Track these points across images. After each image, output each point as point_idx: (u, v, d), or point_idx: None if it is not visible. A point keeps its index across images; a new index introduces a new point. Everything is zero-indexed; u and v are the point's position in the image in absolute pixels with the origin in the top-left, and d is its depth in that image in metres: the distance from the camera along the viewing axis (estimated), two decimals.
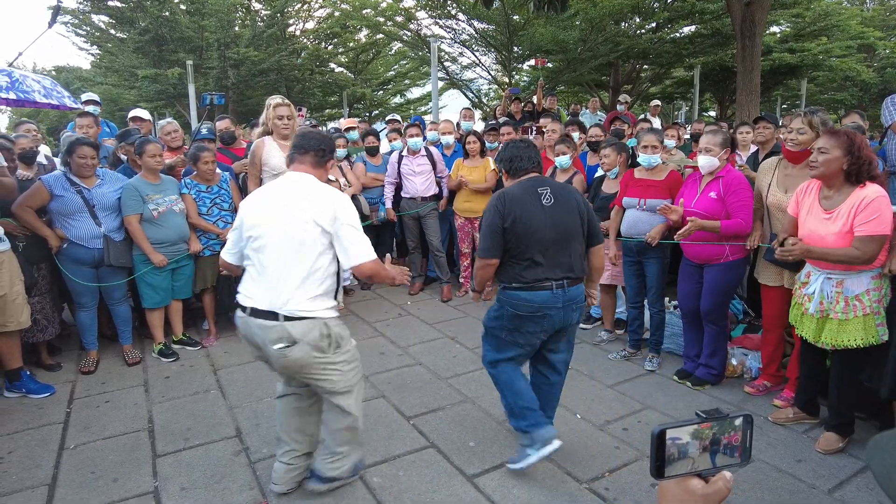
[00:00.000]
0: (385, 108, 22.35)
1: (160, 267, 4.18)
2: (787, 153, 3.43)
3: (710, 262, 3.59)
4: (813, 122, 3.28)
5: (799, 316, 3.09)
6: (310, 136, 2.59)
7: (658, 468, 0.86)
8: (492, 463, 2.93)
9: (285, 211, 2.40)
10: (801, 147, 3.32)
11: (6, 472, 2.92)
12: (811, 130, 3.28)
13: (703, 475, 0.88)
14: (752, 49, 8.17)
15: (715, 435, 0.88)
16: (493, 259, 2.75)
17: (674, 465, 0.86)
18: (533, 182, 2.79)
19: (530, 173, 2.84)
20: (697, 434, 0.88)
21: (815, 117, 3.30)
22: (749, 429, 0.91)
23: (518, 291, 2.73)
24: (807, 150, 3.30)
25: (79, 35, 16.02)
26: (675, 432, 0.87)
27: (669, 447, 0.87)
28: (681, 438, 0.87)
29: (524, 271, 2.71)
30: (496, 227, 2.70)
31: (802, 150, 3.32)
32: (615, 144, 4.43)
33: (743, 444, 0.91)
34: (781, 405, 3.40)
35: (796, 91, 20.04)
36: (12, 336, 3.65)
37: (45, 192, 3.80)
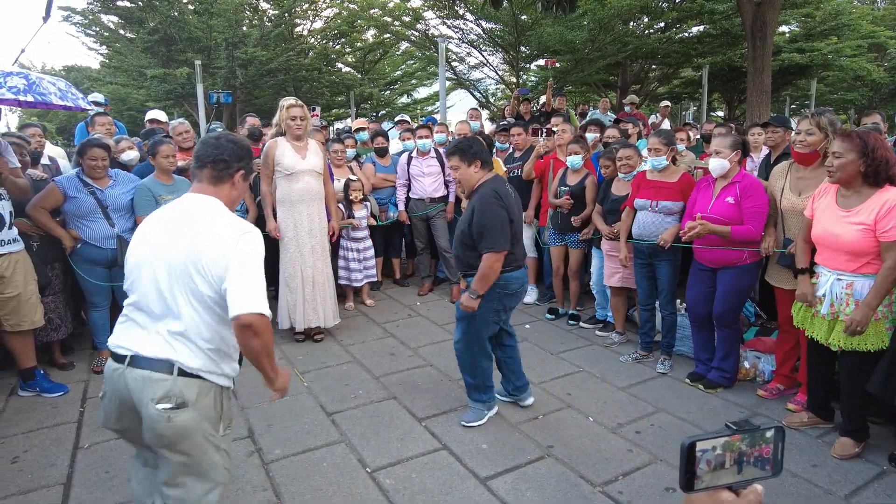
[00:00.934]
0: (392, 108, 22.37)
1: None
2: (797, 155, 3.40)
3: (725, 265, 3.56)
4: (821, 123, 3.26)
5: (809, 318, 3.07)
6: (206, 145, 2.04)
7: (688, 480, 0.85)
8: (504, 466, 2.92)
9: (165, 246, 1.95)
10: (809, 149, 3.29)
11: (22, 470, 2.94)
12: (819, 132, 3.25)
13: (734, 488, 0.87)
14: (763, 49, 8.12)
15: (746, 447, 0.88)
16: (506, 250, 3.07)
17: (703, 477, 0.86)
18: (499, 177, 3.24)
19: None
20: (728, 446, 0.87)
21: (822, 118, 3.27)
22: (781, 441, 0.90)
23: (511, 273, 3.18)
24: (815, 152, 3.28)
25: (88, 35, 16.11)
26: (704, 444, 0.86)
27: (699, 459, 0.86)
28: (711, 450, 0.86)
29: (512, 255, 3.14)
30: (506, 220, 3.07)
31: (811, 152, 3.30)
32: (633, 146, 4.38)
33: (774, 456, 0.90)
34: (795, 409, 3.37)
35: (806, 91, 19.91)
36: (26, 335, 3.68)
37: (59, 194, 3.82)
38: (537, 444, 3.12)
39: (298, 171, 4.40)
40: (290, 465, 2.94)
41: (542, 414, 3.46)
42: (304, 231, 4.48)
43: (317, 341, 4.66)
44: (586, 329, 4.89)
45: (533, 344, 4.58)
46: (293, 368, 4.14)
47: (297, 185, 4.42)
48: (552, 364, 4.21)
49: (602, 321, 4.90)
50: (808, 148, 3.29)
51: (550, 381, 3.92)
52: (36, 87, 2.90)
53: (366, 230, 5.55)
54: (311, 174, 4.47)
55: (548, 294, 5.57)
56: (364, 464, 2.95)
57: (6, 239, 3.45)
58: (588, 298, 5.38)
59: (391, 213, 5.98)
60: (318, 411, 3.52)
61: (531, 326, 4.99)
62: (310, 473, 2.87)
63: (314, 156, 4.49)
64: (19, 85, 2.83)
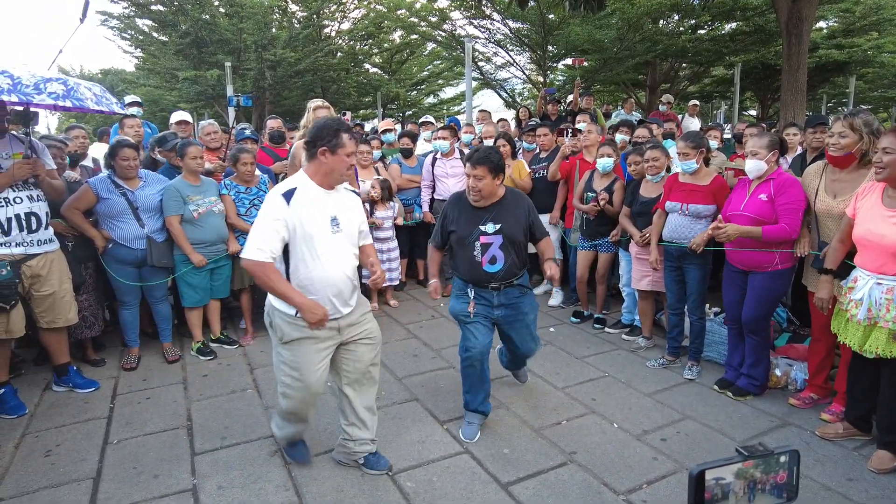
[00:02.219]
0: (419, 109, 22.44)
1: (200, 267, 4.26)
2: (831, 158, 3.27)
3: (756, 269, 3.46)
4: (855, 125, 3.13)
5: (843, 323, 2.96)
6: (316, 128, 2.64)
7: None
8: (527, 471, 2.89)
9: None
10: (844, 151, 3.17)
11: (54, 464, 3.02)
12: (853, 133, 3.13)
13: None
14: (799, 47, 7.88)
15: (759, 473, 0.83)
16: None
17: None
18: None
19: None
20: (741, 473, 0.82)
21: (856, 119, 3.14)
22: (796, 466, 0.84)
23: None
24: (850, 155, 3.16)
25: (124, 38, 16.55)
26: (716, 472, 0.81)
27: (711, 487, 0.81)
28: (723, 478, 0.81)
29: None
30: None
31: (846, 155, 3.18)
32: (661, 146, 4.28)
33: (789, 482, 0.85)
34: (830, 419, 3.25)
35: (843, 89, 19.33)
36: (60, 332, 3.78)
37: (92, 195, 3.92)
38: (560, 450, 3.08)
39: None
40: (315, 466, 2.95)
41: (566, 419, 3.42)
42: None
43: None
44: (612, 333, 4.81)
45: (557, 347, 4.52)
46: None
47: None
48: (577, 368, 4.15)
49: (628, 325, 4.82)
50: (842, 150, 3.17)
51: (575, 386, 3.86)
52: (74, 93, 2.98)
53: (391, 231, 5.56)
54: None
55: (573, 297, 5.51)
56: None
57: (43, 239, 3.55)
58: (614, 302, 5.30)
59: (416, 213, 5.98)
60: None
61: (556, 330, 4.93)
62: (331, 474, 2.88)
63: None
64: (58, 91, 2.90)
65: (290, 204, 2.46)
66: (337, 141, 2.51)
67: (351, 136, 2.57)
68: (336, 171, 2.56)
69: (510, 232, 3.14)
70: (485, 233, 3.12)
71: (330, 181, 2.59)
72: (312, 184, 2.57)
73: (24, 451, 3.14)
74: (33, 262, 3.49)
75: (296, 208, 2.47)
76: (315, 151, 2.53)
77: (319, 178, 2.57)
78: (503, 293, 3.19)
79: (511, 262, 3.16)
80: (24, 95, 2.82)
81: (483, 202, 3.14)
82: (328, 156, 2.52)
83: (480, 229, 3.13)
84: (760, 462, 0.81)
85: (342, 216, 2.63)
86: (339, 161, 2.53)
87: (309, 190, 2.55)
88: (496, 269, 3.14)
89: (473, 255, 3.14)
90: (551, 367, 4.14)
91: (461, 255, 3.20)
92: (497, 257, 3.14)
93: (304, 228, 2.48)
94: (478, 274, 3.15)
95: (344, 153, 2.53)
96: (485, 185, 3.06)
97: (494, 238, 3.12)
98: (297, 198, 2.49)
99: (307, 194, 2.53)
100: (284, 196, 2.48)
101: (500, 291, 3.18)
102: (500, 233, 3.13)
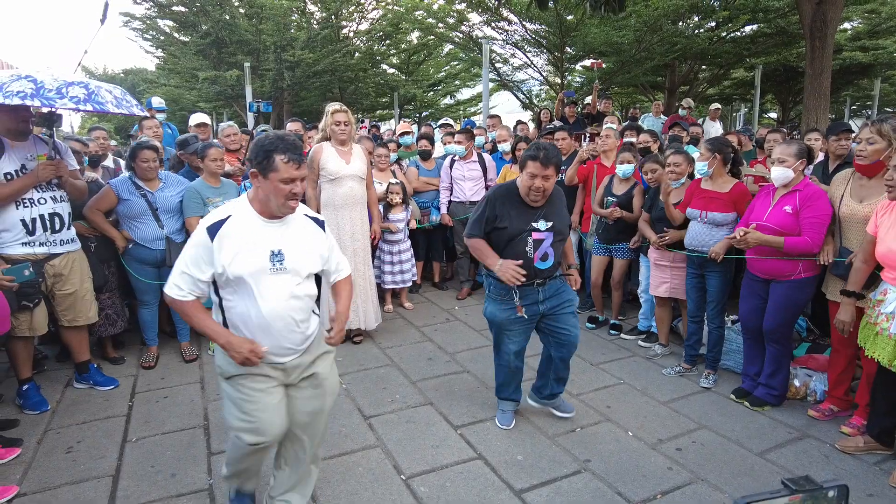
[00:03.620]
0: (436, 109, 22.48)
1: None
2: (860, 167, 3.21)
3: (778, 277, 3.41)
4: (883, 131, 3.06)
5: (871, 336, 2.90)
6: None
7: None
8: (540, 479, 2.88)
9: None
10: (872, 159, 3.11)
11: (75, 460, 3.07)
12: (882, 139, 3.07)
13: None
14: (823, 50, 7.74)
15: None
16: None
17: None
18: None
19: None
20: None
21: (884, 125, 3.07)
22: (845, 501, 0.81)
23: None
24: (880, 162, 3.10)
25: (145, 39, 16.82)
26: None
27: None
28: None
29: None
30: None
31: (875, 162, 3.12)
32: (684, 152, 4.23)
33: None
34: (850, 433, 3.20)
35: (868, 91, 18.98)
36: (81, 330, 3.85)
37: (113, 196, 3.99)
38: (574, 458, 3.07)
39: (342, 176, 4.46)
40: (326, 468, 2.97)
41: (580, 427, 3.40)
42: (346, 235, 4.54)
43: (356, 343, 4.71)
44: (628, 340, 4.78)
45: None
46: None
47: (340, 189, 4.48)
48: (592, 375, 4.13)
49: (645, 332, 4.78)
50: (869, 158, 3.12)
51: (590, 393, 3.84)
52: (95, 97, 3.03)
53: (405, 233, 5.58)
54: (355, 179, 4.52)
55: (588, 302, 5.48)
56: (399, 470, 2.96)
57: (65, 238, 3.62)
58: (630, 308, 5.26)
59: (433, 216, 5.99)
60: (356, 414, 3.56)
61: None
62: (345, 477, 2.90)
63: (358, 161, 4.54)
64: (80, 95, 2.96)
65: (214, 239, 2.09)
66: (268, 164, 2.10)
67: (290, 158, 2.10)
68: (271, 201, 2.14)
69: (561, 228, 3.14)
70: (537, 230, 3.07)
71: (270, 210, 2.17)
72: (251, 211, 2.18)
73: (47, 447, 3.20)
74: (56, 261, 3.55)
75: (223, 242, 2.10)
76: (250, 173, 2.17)
77: (258, 205, 2.18)
78: (547, 287, 3.18)
79: (558, 258, 3.20)
80: (47, 100, 2.88)
81: (542, 202, 3.07)
82: (260, 180, 2.14)
83: (533, 226, 3.07)
84: (808, 497, 0.77)
85: (289, 250, 2.21)
86: (271, 187, 2.11)
87: (245, 219, 2.16)
88: (547, 266, 3.13)
89: (525, 251, 3.07)
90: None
91: (508, 254, 3.09)
92: (549, 254, 3.11)
93: (233, 266, 2.11)
94: (528, 271, 3.05)
95: (277, 178, 2.09)
96: (551, 184, 3.00)
97: (546, 235, 3.09)
98: (227, 230, 2.11)
99: (241, 225, 2.15)
100: (209, 230, 2.10)
101: (545, 286, 3.17)
102: (552, 230, 3.10)
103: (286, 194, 2.12)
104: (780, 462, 3.01)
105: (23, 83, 2.86)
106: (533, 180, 2.95)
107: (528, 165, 2.96)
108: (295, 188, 2.13)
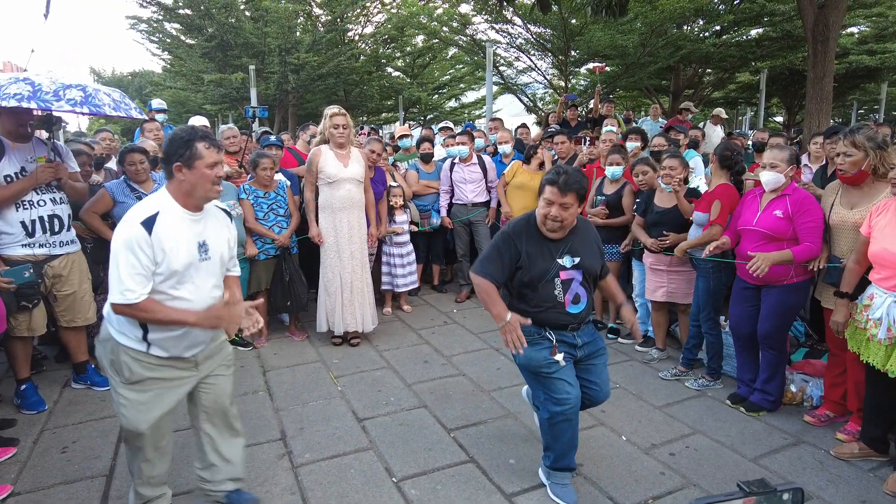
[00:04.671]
0: (440, 112, 22.51)
1: None
2: (843, 178, 3.20)
3: (770, 283, 3.40)
4: (857, 142, 3.05)
5: (863, 342, 2.89)
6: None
7: None
8: (531, 483, 2.88)
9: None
10: (853, 169, 3.10)
11: (69, 460, 3.09)
12: (858, 150, 3.05)
13: None
14: (825, 54, 7.71)
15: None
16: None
17: None
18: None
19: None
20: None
21: (857, 136, 3.05)
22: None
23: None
24: (862, 172, 3.09)
25: (152, 42, 16.94)
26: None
27: None
28: None
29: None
30: None
31: (858, 173, 3.10)
32: (679, 156, 4.23)
33: None
34: (845, 439, 3.18)
35: (875, 95, 18.87)
36: (80, 331, 3.88)
37: (109, 199, 4.02)
38: None
39: (340, 179, 4.48)
40: (319, 470, 2.99)
41: None
42: (343, 237, 4.56)
43: (353, 345, 4.73)
44: (625, 343, 4.77)
45: None
46: (328, 372, 4.21)
47: (338, 192, 4.50)
48: None
49: (642, 335, 4.76)
50: (850, 170, 3.11)
51: None
52: (91, 100, 3.06)
53: (406, 236, 5.59)
54: (353, 182, 4.54)
55: None
56: (391, 473, 2.96)
57: (65, 240, 3.65)
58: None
59: (434, 219, 6.00)
60: (350, 417, 3.56)
61: None
62: (337, 479, 2.91)
63: (356, 164, 4.56)
64: (76, 97, 2.99)
65: (151, 233, 2.11)
66: (191, 153, 2.16)
67: (210, 143, 2.20)
68: (198, 189, 2.20)
69: (590, 264, 2.72)
70: (563, 267, 2.66)
71: (194, 202, 2.24)
72: (176, 206, 2.22)
73: (42, 447, 3.22)
74: (55, 262, 3.59)
75: (158, 237, 2.12)
76: (171, 169, 2.20)
77: (182, 198, 2.23)
78: (582, 332, 2.75)
79: (591, 300, 2.77)
80: (44, 102, 2.91)
81: (561, 234, 2.67)
82: (184, 172, 2.18)
83: (559, 263, 2.66)
84: (763, 500, 0.78)
85: (211, 241, 2.32)
86: (198, 176, 2.18)
87: (172, 214, 2.20)
88: (580, 309, 2.70)
89: (555, 294, 2.66)
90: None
91: (534, 297, 2.67)
92: (580, 295, 2.70)
93: (169, 260, 2.15)
94: (560, 317, 2.67)
95: (203, 165, 2.17)
96: (571, 214, 2.60)
97: (574, 273, 2.68)
98: (159, 226, 2.13)
99: (170, 220, 2.18)
100: (145, 225, 2.11)
101: (580, 331, 2.75)
102: (581, 266, 2.69)
103: (212, 179, 2.21)
104: (773, 468, 2.99)
105: (20, 86, 2.90)
106: (549, 207, 2.58)
107: (546, 191, 2.59)
108: (219, 171, 2.23)
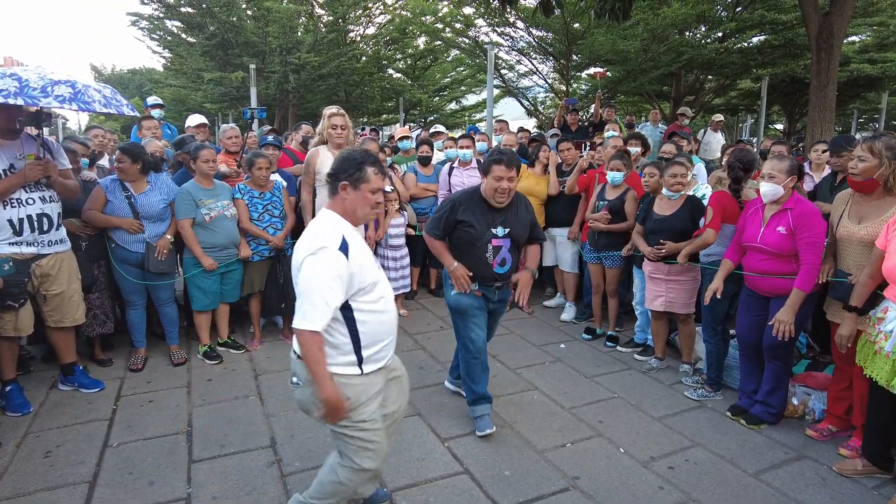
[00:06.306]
0: (441, 115, 22.46)
1: (210, 271, 4.26)
2: (853, 184, 3.13)
3: (778, 294, 3.32)
4: (874, 149, 2.99)
5: (870, 355, 2.82)
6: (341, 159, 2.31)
7: None
8: (526, 495, 2.80)
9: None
10: (864, 176, 3.04)
11: (52, 465, 3.01)
12: (873, 157, 2.99)
13: None
14: (829, 62, 7.65)
15: None
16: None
17: None
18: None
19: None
20: None
21: (876, 143, 3.00)
22: None
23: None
24: (873, 180, 3.02)
25: (153, 39, 16.87)
26: None
27: None
28: None
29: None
30: None
31: (868, 180, 3.04)
32: (684, 163, 4.15)
33: None
34: (848, 455, 3.11)
35: (876, 104, 18.86)
36: (68, 332, 3.80)
37: (103, 195, 3.96)
38: (563, 475, 2.99)
39: None
40: (308, 479, 2.87)
41: (571, 441, 3.32)
42: None
43: None
44: (625, 352, 4.69)
45: (567, 365, 4.42)
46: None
47: None
48: (585, 388, 4.05)
49: (642, 344, 4.70)
50: (861, 175, 3.04)
51: (582, 407, 3.76)
52: (81, 96, 2.99)
53: (402, 239, 5.52)
54: None
55: (586, 312, 5.40)
56: (382, 484, 2.88)
57: (54, 239, 3.56)
58: (629, 319, 5.17)
59: None
60: None
61: (566, 346, 4.83)
62: None
63: None
64: (65, 94, 2.92)
65: (349, 258, 2.14)
66: (360, 175, 2.22)
67: (378, 170, 2.26)
68: (359, 210, 2.26)
69: (518, 235, 3.31)
70: (496, 236, 3.25)
71: (355, 219, 2.29)
72: (346, 223, 2.26)
73: (25, 451, 3.14)
74: (43, 261, 3.51)
75: (353, 258, 2.16)
76: (336, 186, 2.26)
77: (349, 216, 2.27)
78: (502, 290, 3.41)
79: (516, 262, 3.36)
80: (31, 98, 2.84)
81: (507, 201, 3.22)
82: (349, 191, 2.24)
83: (492, 232, 3.24)
84: None
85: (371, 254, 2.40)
86: (360, 198, 2.24)
87: (351, 232, 2.25)
88: (505, 270, 3.32)
89: (486, 256, 3.26)
90: (559, 386, 4.05)
91: (469, 255, 3.28)
92: (507, 259, 3.30)
93: (364, 275, 2.18)
94: (487, 274, 3.29)
95: (367, 189, 2.24)
96: (515, 184, 3.19)
97: (504, 241, 3.27)
98: (352, 246, 2.16)
99: (354, 238, 2.22)
100: (342, 250, 2.12)
101: (500, 289, 3.40)
102: (509, 236, 3.28)
103: (372, 203, 2.29)
104: (775, 483, 2.92)
105: (7, 81, 2.82)
106: (499, 182, 3.13)
107: (494, 169, 3.13)
108: (379, 198, 2.31)
